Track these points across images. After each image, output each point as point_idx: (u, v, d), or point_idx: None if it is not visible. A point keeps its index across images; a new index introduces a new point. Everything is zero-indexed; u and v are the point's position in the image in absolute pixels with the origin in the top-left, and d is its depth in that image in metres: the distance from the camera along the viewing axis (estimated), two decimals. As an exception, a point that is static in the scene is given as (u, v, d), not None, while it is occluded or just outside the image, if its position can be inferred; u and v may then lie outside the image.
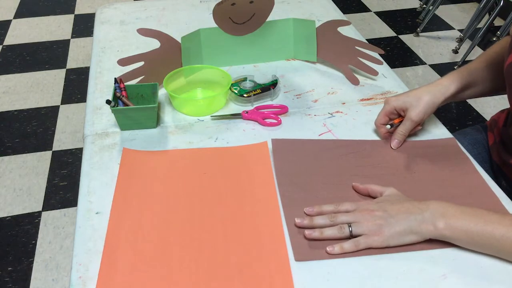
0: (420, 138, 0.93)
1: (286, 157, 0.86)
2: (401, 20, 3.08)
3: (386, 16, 3.12)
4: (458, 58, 2.66)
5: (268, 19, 1.10)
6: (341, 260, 0.69)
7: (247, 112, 0.97)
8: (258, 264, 0.68)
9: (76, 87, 2.47)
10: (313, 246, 0.71)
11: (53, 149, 2.07)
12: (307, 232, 0.72)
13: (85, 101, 1.12)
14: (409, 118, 0.87)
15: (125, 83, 0.97)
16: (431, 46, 2.81)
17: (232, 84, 1.02)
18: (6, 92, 2.42)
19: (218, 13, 1.03)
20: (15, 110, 2.29)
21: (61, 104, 2.35)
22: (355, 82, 1.08)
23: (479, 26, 2.73)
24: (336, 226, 0.72)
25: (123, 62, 1.02)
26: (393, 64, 2.63)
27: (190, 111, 0.98)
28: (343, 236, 0.71)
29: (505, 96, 0.85)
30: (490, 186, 0.81)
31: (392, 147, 0.89)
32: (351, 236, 0.71)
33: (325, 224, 0.73)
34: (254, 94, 1.00)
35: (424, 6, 3.14)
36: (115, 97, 0.93)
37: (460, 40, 2.77)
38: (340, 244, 0.70)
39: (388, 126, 0.90)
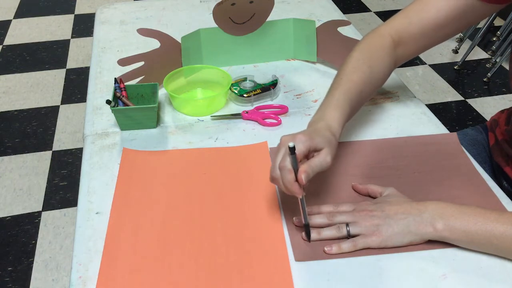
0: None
1: None
2: (401, 20, 3.08)
3: (386, 16, 3.12)
4: (458, 58, 2.66)
5: (268, 19, 1.10)
6: (341, 260, 0.69)
7: (247, 112, 0.97)
8: (258, 264, 0.68)
9: (76, 87, 2.47)
10: (313, 246, 0.71)
11: (53, 149, 2.07)
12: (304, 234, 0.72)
13: (85, 101, 1.12)
14: (326, 161, 0.70)
15: (125, 83, 0.97)
16: (431, 46, 2.81)
17: (232, 84, 1.02)
18: (6, 92, 2.42)
19: (218, 13, 1.03)
20: (15, 110, 2.29)
21: (61, 104, 2.35)
22: (355, 82, 1.08)
23: (479, 26, 2.73)
24: (334, 226, 0.72)
25: (123, 62, 1.02)
26: (393, 64, 2.63)
27: (190, 111, 0.98)
28: (341, 236, 0.71)
29: (505, 96, 0.85)
30: (490, 186, 0.81)
31: (304, 181, 0.66)
32: (349, 236, 0.71)
33: (323, 224, 0.73)
34: (254, 94, 1.00)
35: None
36: (115, 97, 0.93)
37: (460, 40, 2.77)
38: (338, 244, 0.70)
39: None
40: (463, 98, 2.40)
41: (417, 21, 0.87)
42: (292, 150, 0.65)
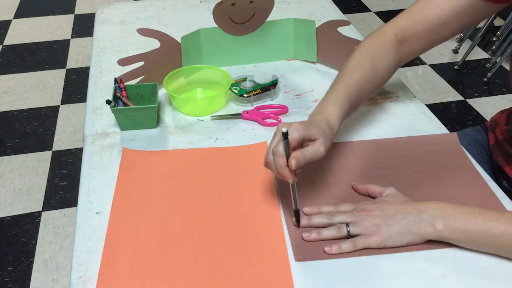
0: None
1: None
2: (401, 20, 3.08)
3: (386, 16, 3.12)
4: (458, 58, 2.66)
5: (268, 19, 1.10)
6: (341, 260, 0.69)
7: (247, 112, 0.97)
8: (258, 264, 0.68)
9: (76, 87, 2.47)
10: (313, 246, 0.71)
11: (53, 149, 2.07)
12: (305, 235, 0.72)
13: (85, 101, 1.12)
14: (319, 151, 0.72)
15: (125, 83, 0.97)
16: (431, 46, 2.80)
17: (232, 84, 1.02)
18: (6, 92, 2.42)
19: (218, 13, 1.03)
20: (15, 110, 2.29)
21: (61, 104, 2.35)
22: (355, 82, 1.08)
23: (479, 26, 2.73)
24: (334, 226, 0.72)
25: (123, 62, 1.02)
26: (393, 64, 2.62)
27: (190, 111, 0.98)
28: (341, 236, 0.71)
29: (505, 96, 0.86)
30: (490, 186, 0.81)
31: (294, 166, 0.69)
32: (349, 236, 0.71)
33: (323, 223, 0.73)
34: (254, 94, 1.00)
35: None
36: (115, 97, 0.93)
37: (460, 40, 2.77)
38: (338, 244, 0.70)
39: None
40: (463, 98, 2.40)
41: (420, 19, 0.88)
42: (285, 135, 0.68)
